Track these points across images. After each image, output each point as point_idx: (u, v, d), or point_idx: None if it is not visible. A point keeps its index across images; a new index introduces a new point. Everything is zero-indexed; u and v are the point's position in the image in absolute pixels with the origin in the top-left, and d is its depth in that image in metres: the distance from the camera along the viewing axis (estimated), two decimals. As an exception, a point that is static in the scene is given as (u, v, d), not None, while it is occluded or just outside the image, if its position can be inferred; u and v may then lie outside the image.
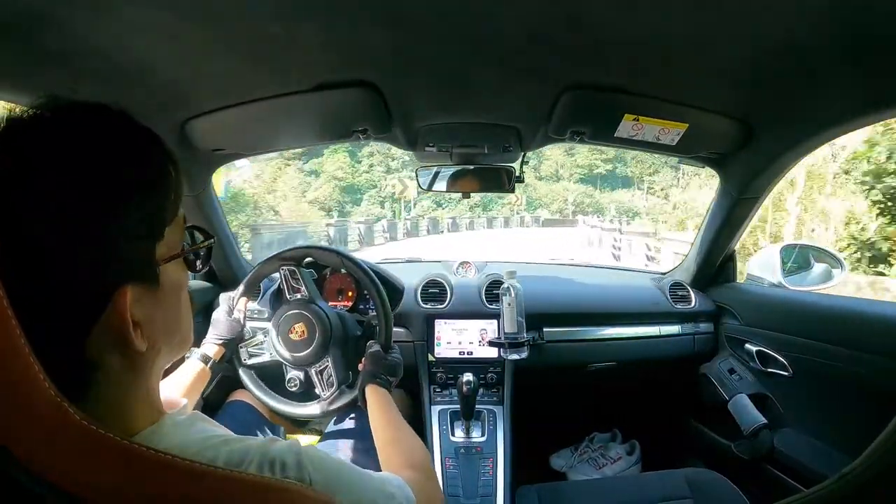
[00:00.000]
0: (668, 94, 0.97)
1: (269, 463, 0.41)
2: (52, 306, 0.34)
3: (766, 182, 1.23)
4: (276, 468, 0.41)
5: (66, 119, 0.38)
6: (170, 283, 0.42)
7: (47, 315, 0.34)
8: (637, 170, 41.84)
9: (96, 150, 0.37)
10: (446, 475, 1.23)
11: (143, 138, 0.41)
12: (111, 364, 0.38)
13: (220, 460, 0.40)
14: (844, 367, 1.05)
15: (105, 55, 0.74)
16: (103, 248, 0.35)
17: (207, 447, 0.41)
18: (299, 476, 0.42)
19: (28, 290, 0.32)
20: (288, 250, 1.18)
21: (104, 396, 0.38)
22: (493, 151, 1.30)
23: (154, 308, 0.40)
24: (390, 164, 39.23)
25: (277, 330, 1.09)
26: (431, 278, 1.52)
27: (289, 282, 1.14)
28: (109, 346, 0.37)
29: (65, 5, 0.60)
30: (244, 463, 0.40)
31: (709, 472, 1.12)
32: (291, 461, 0.43)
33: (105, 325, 0.36)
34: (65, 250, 0.34)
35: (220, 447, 0.41)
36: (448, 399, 1.41)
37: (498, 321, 1.42)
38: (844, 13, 0.65)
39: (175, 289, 0.44)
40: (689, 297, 1.53)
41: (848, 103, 0.89)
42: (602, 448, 1.73)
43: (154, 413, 0.43)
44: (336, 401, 1.07)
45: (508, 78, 0.93)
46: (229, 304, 1.12)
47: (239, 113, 1.01)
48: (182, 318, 0.47)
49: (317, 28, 0.73)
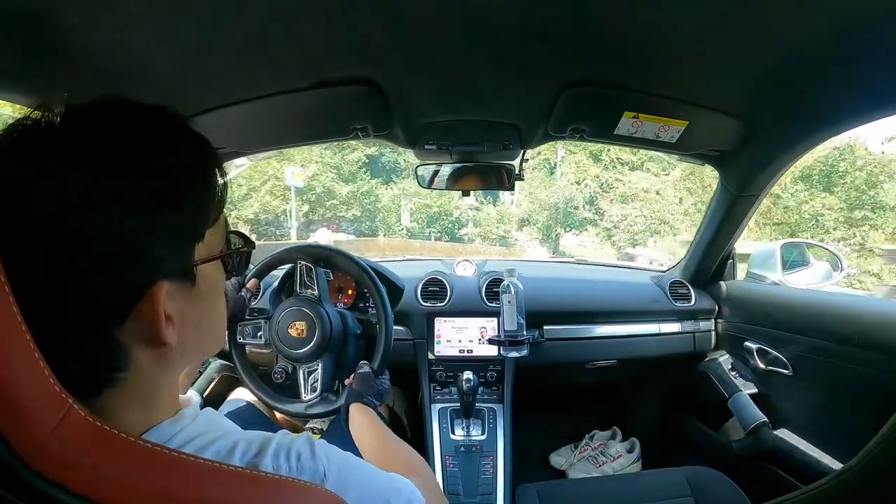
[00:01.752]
0: (669, 92, 0.97)
1: (286, 453, 0.42)
2: (86, 298, 0.34)
3: (766, 180, 1.23)
4: (291, 458, 0.42)
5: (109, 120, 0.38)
6: (206, 283, 0.43)
7: (81, 306, 0.34)
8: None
9: (142, 155, 0.37)
10: (446, 473, 1.24)
11: (192, 143, 0.41)
12: (140, 356, 0.38)
13: (238, 450, 0.40)
14: (844, 364, 1.05)
15: (104, 52, 0.73)
16: (143, 248, 0.36)
17: (223, 435, 0.41)
18: (314, 467, 0.42)
19: (61, 284, 0.33)
20: (311, 246, 1.21)
21: (131, 386, 0.38)
22: (492, 149, 1.30)
23: (188, 306, 0.40)
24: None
25: (279, 320, 1.10)
26: (431, 276, 1.52)
27: (303, 277, 1.15)
28: (140, 338, 0.38)
29: (63, 2, 0.60)
30: (261, 452, 0.41)
31: (708, 470, 1.13)
32: (306, 452, 0.43)
33: (138, 317, 0.37)
34: (104, 249, 0.34)
35: (236, 436, 0.42)
36: (448, 397, 1.41)
37: (498, 319, 1.42)
38: (844, 12, 0.65)
39: (211, 289, 0.44)
40: (689, 295, 1.53)
41: (848, 101, 0.89)
42: (602, 446, 1.73)
43: (173, 406, 0.44)
44: (315, 406, 1.09)
45: (509, 75, 0.93)
46: (238, 281, 1.13)
47: (239, 111, 1.01)
48: (217, 319, 0.47)
49: (317, 25, 0.73)
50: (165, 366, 0.41)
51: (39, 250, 0.32)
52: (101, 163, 0.35)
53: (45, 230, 0.33)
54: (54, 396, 0.31)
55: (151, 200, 0.36)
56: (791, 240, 1.54)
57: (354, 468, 0.48)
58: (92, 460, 0.32)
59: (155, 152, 0.38)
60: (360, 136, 1.16)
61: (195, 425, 0.42)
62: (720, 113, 1.03)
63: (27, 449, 0.29)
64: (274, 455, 0.41)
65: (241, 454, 0.40)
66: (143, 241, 0.36)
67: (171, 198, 0.37)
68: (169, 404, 0.43)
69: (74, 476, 0.31)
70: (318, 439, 0.48)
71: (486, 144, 1.26)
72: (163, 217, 0.37)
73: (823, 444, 1.15)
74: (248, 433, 0.44)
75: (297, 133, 1.24)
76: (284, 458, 0.41)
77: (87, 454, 0.31)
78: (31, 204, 0.32)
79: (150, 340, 0.38)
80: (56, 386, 0.31)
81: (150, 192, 0.36)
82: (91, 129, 0.36)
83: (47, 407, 0.30)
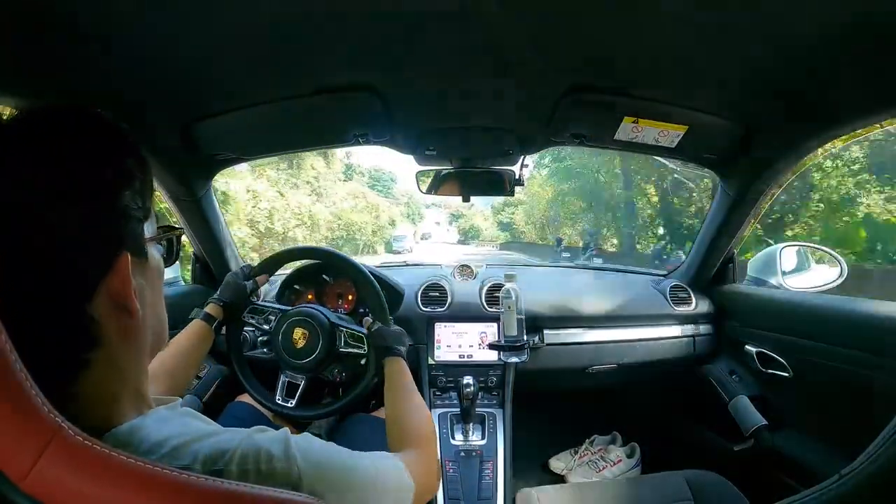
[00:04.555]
0: (669, 97, 0.97)
1: (255, 454, 0.41)
2: (56, 274, 0.37)
3: (766, 183, 1.23)
4: (261, 459, 0.41)
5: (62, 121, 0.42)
6: (153, 262, 0.47)
7: (52, 284, 0.37)
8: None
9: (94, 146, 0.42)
10: (446, 478, 1.23)
11: (119, 135, 0.45)
12: (109, 331, 0.40)
13: (202, 453, 0.40)
14: (845, 367, 1.05)
15: (105, 59, 0.74)
16: (109, 224, 0.40)
17: (191, 440, 0.41)
18: (286, 468, 0.41)
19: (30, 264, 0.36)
20: (312, 248, 1.27)
21: (101, 367, 0.40)
22: (493, 155, 1.30)
23: (143, 281, 0.44)
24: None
25: (281, 329, 1.10)
26: (431, 282, 1.52)
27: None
28: (109, 311, 0.40)
29: (66, 6, 0.60)
30: (227, 454, 0.40)
31: (709, 474, 1.12)
32: (278, 451, 0.42)
33: (107, 289, 0.39)
34: (71, 226, 0.37)
35: (205, 440, 0.41)
36: (448, 402, 1.41)
37: (498, 324, 1.42)
38: (844, 15, 0.66)
39: (157, 267, 0.48)
40: (689, 299, 1.53)
41: (848, 104, 0.89)
42: (602, 450, 1.73)
43: (142, 405, 0.44)
44: (313, 409, 1.12)
45: (509, 82, 0.93)
46: (244, 270, 1.15)
47: (240, 116, 1.01)
48: (161, 301, 0.50)
49: (317, 31, 0.73)
50: (130, 341, 0.43)
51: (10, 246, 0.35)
52: (64, 159, 0.38)
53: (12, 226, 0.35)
54: (43, 417, 0.31)
55: (111, 183, 0.41)
56: (791, 243, 1.54)
57: (334, 467, 0.46)
58: (81, 481, 0.31)
59: (95, 143, 0.42)
60: (360, 143, 1.17)
61: (158, 431, 0.41)
62: (719, 117, 1.03)
63: (16, 472, 0.29)
64: (241, 461, 0.40)
65: (205, 461, 0.40)
66: (107, 217, 0.40)
67: (126, 178, 0.42)
68: (133, 404, 0.43)
69: (64, 498, 0.31)
70: (301, 434, 0.47)
71: (486, 150, 1.27)
72: (123, 198, 0.41)
73: (824, 447, 1.14)
74: (217, 434, 0.43)
75: (297, 139, 1.25)
76: (253, 463, 0.41)
77: (77, 475, 0.31)
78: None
79: (118, 313, 0.40)
80: (45, 406, 0.31)
81: (108, 177, 0.41)
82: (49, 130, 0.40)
83: (36, 428, 0.30)
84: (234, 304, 1.11)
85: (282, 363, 1.12)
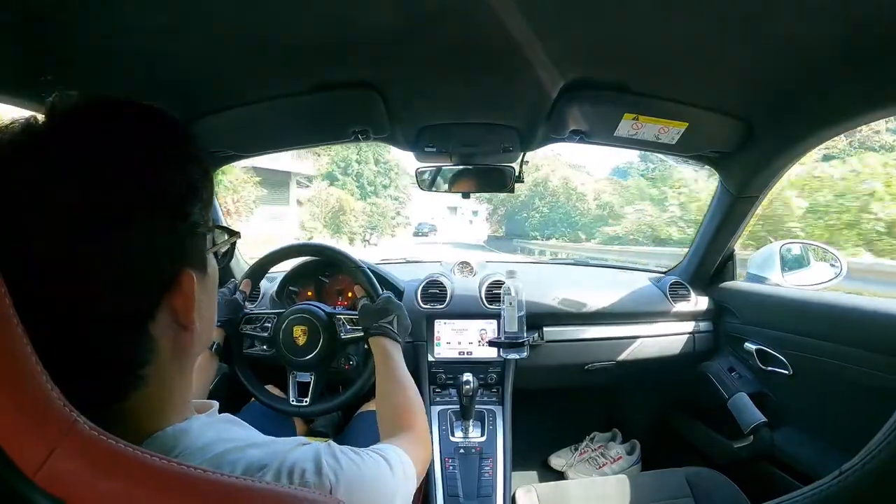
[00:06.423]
0: (669, 93, 0.97)
1: (288, 471, 0.41)
2: (123, 293, 0.36)
3: (766, 181, 1.23)
4: (294, 476, 0.41)
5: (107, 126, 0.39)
6: (211, 271, 0.46)
7: (117, 303, 0.36)
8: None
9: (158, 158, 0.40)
10: (445, 475, 1.23)
11: (192, 142, 0.44)
12: (163, 347, 0.40)
13: (239, 466, 0.39)
14: (844, 365, 1.05)
15: (106, 57, 0.74)
16: (175, 242, 0.39)
17: (232, 448, 0.40)
18: (319, 483, 0.41)
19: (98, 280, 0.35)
20: (308, 245, 1.23)
21: (151, 384, 0.40)
22: (492, 151, 1.30)
23: (202, 293, 0.43)
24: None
25: (281, 328, 1.09)
26: (431, 279, 1.52)
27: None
28: (166, 329, 0.40)
29: (66, 6, 0.60)
30: (262, 469, 0.40)
31: (709, 471, 1.13)
32: (311, 468, 0.42)
33: (170, 307, 0.39)
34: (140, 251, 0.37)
35: (245, 450, 0.41)
36: (448, 399, 1.41)
37: (497, 321, 1.42)
38: (843, 13, 0.66)
39: (214, 276, 0.48)
40: (688, 296, 1.53)
41: (848, 102, 0.89)
42: (602, 447, 1.73)
43: (186, 411, 0.44)
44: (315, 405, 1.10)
45: (508, 78, 0.93)
46: (230, 287, 1.13)
47: (239, 114, 1.01)
48: (214, 308, 0.50)
49: (317, 29, 0.73)
50: (181, 354, 0.43)
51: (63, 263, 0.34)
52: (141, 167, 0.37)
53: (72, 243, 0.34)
54: (56, 407, 0.30)
55: (180, 198, 0.39)
56: (791, 240, 1.54)
57: (365, 479, 0.47)
58: (93, 473, 0.31)
59: (167, 153, 0.40)
60: (360, 139, 1.16)
61: (201, 437, 0.41)
62: (720, 114, 1.03)
63: (27, 461, 0.29)
64: (275, 476, 0.40)
65: (243, 473, 0.39)
66: (178, 234, 0.39)
67: (193, 192, 0.41)
68: (180, 410, 0.43)
69: (75, 489, 0.30)
70: (334, 446, 0.47)
71: (486, 146, 1.27)
72: (190, 212, 0.40)
73: (823, 445, 1.15)
74: (256, 447, 0.42)
75: (297, 136, 1.24)
76: (287, 477, 0.40)
77: (89, 466, 0.31)
78: (55, 220, 0.34)
79: (175, 330, 0.40)
80: (60, 400, 0.31)
81: (178, 191, 0.39)
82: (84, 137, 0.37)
83: (49, 418, 0.30)
84: (231, 320, 1.09)
85: (288, 364, 1.11)
